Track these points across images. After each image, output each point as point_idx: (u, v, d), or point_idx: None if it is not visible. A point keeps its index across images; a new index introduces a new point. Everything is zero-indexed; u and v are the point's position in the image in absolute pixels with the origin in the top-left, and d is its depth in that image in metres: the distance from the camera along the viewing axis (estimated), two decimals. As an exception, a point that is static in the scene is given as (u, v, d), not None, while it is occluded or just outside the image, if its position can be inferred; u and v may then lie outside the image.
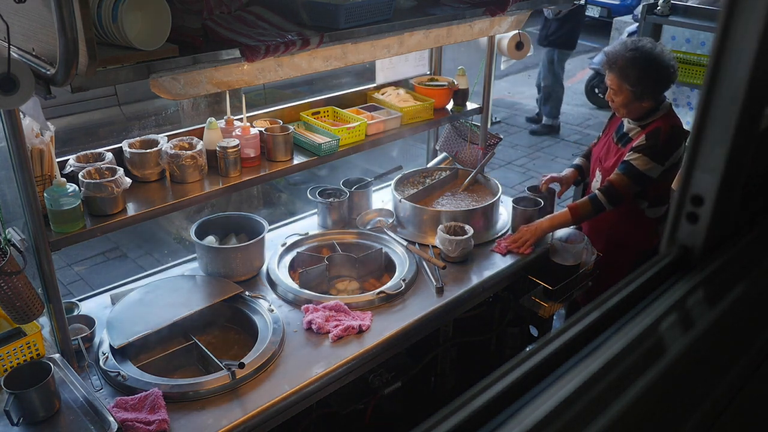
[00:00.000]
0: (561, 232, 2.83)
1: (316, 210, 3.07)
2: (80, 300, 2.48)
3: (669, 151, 2.67)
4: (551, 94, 7.32)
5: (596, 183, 2.95)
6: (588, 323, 0.72)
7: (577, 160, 3.18)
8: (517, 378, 0.64)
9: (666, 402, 0.66)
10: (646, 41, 2.70)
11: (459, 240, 2.69)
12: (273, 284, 2.56)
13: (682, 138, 2.72)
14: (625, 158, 2.70)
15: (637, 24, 7.80)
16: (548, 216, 2.88)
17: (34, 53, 1.67)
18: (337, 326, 2.28)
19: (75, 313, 2.36)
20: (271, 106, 2.96)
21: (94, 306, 2.45)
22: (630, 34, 7.50)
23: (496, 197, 2.99)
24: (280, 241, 2.79)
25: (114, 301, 2.44)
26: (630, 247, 2.90)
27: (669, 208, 2.75)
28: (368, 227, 2.96)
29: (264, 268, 2.65)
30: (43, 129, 1.98)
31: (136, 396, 1.95)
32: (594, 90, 8.21)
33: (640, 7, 7.76)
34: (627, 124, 2.81)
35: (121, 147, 2.34)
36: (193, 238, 2.58)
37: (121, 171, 2.18)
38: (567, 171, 3.14)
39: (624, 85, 2.64)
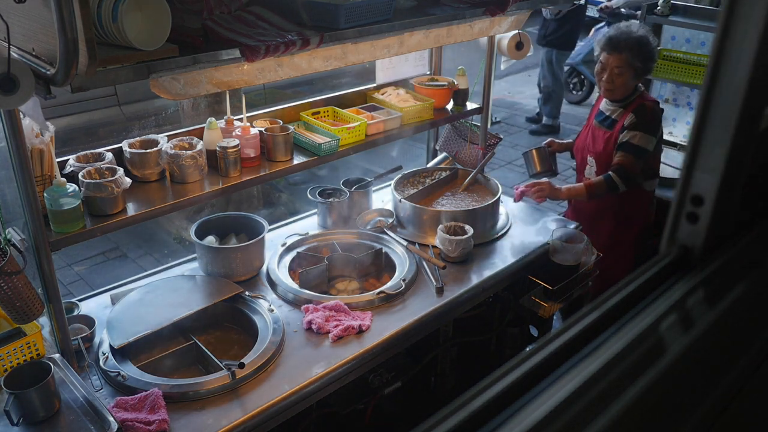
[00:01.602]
0: (561, 232, 2.83)
1: (316, 210, 3.07)
2: (80, 300, 2.48)
3: (657, 124, 2.91)
4: (551, 94, 7.31)
5: (590, 168, 3.05)
6: (588, 323, 0.72)
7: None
8: (517, 378, 0.64)
9: (666, 402, 0.66)
10: (639, 24, 3.00)
11: (459, 240, 2.69)
12: (273, 284, 2.56)
13: (661, 114, 2.96)
14: (623, 140, 2.87)
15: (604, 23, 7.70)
16: (566, 185, 3.05)
17: (34, 53, 1.67)
18: (337, 326, 2.28)
19: (75, 313, 2.36)
20: (271, 106, 2.96)
21: (94, 306, 2.45)
22: (597, 30, 7.54)
23: (496, 197, 2.99)
24: (280, 241, 2.79)
25: (114, 301, 2.44)
26: (634, 221, 3.10)
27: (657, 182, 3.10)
28: (368, 227, 2.96)
29: (264, 268, 2.65)
30: (43, 129, 1.98)
31: (136, 396, 1.95)
32: (569, 86, 8.17)
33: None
34: (607, 106, 3.00)
35: (121, 147, 2.34)
36: (193, 238, 2.58)
37: (121, 171, 2.18)
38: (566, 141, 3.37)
39: (635, 63, 2.81)
